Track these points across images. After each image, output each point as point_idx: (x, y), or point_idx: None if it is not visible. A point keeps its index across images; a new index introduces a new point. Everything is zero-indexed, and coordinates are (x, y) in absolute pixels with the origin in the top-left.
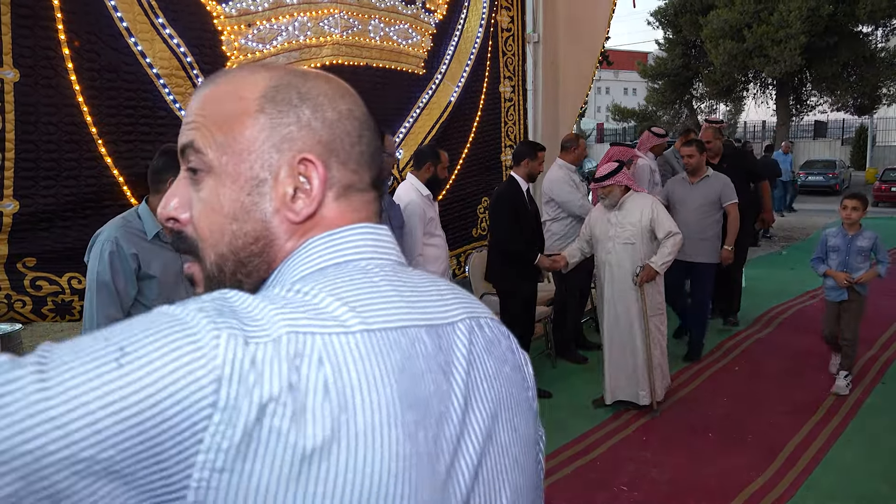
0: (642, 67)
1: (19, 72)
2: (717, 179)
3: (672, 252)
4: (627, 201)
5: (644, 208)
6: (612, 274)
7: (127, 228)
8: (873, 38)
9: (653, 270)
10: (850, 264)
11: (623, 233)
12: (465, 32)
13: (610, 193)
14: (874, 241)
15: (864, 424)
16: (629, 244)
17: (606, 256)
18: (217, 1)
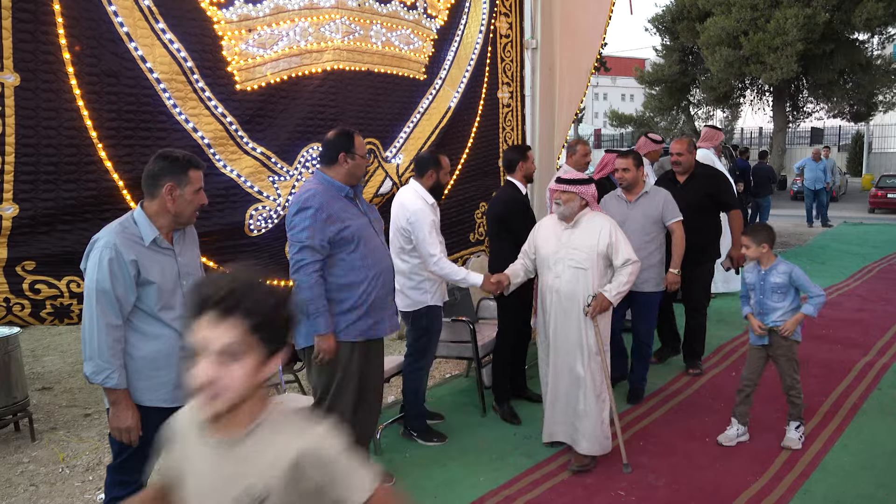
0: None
1: (20, 76)
2: (657, 195)
3: (629, 282)
4: (583, 220)
5: (602, 230)
6: (558, 303)
7: (125, 235)
8: (869, 45)
9: (606, 301)
10: (764, 304)
11: (575, 255)
12: (464, 38)
13: (568, 202)
14: (789, 275)
15: (861, 429)
16: (580, 269)
17: (553, 281)
18: (217, 6)
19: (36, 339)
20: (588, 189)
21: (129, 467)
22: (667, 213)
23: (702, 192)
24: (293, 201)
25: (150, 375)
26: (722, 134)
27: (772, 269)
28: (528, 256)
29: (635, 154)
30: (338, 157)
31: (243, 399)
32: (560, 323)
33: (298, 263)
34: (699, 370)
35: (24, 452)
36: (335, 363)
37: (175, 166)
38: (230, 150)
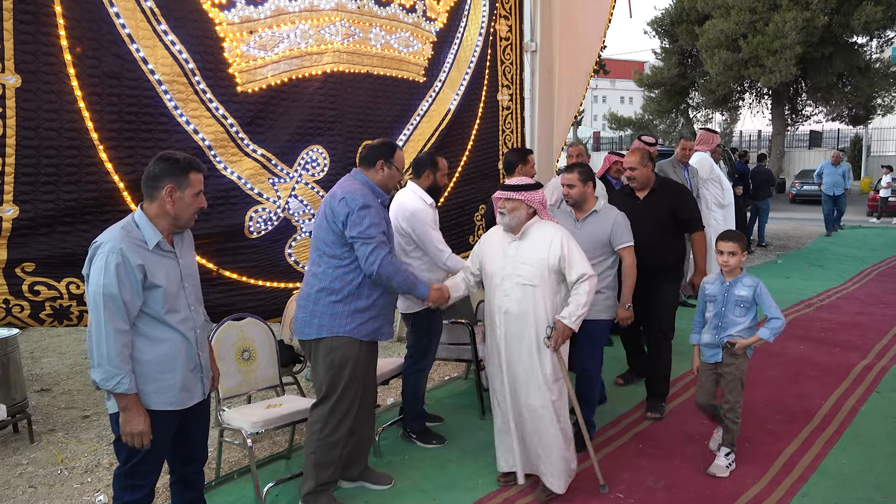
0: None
1: (21, 77)
2: (608, 215)
3: (587, 301)
4: (532, 230)
5: (553, 242)
6: (508, 325)
7: (130, 239)
8: (868, 48)
9: (567, 329)
10: (725, 317)
11: (523, 271)
12: (464, 41)
13: (513, 212)
14: (754, 289)
15: (859, 432)
16: (530, 286)
17: (501, 301)
18: (219, 8)
19: (35, 341)
20: (535, 195)
21: (140, 471)
22: (615, 237)
23: (664, 208)
24: (346, 198)
25: (157, 379)
26: (718, 137)
27: (737, 282)
28: (472, 272)
29: (582, 168)
30: (376, 163)
31: None
32: (513, 347)
33: (378, 258)
34: (660, 415)
35: (22, 454)
36: (346, 360)
37: (175, 168)
38: (231, 152)
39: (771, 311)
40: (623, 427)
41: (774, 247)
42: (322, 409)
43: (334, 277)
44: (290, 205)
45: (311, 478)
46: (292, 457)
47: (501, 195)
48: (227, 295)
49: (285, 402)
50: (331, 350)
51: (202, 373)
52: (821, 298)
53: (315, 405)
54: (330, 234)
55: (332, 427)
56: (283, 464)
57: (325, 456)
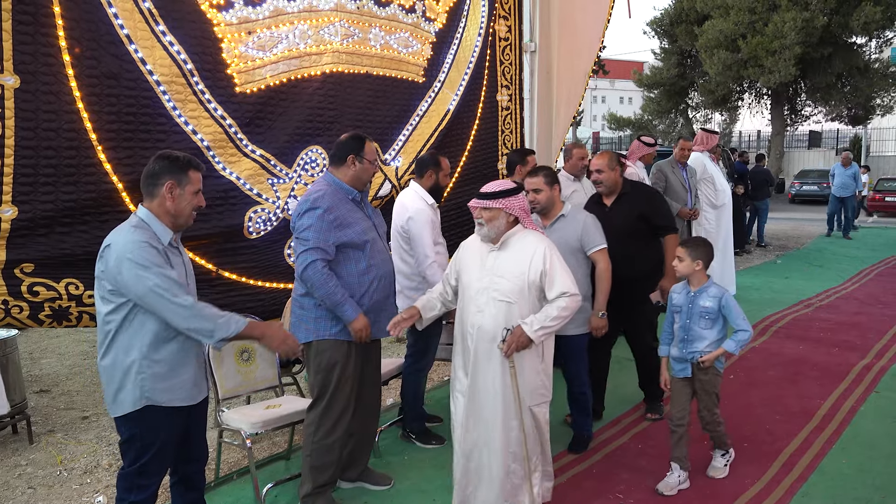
0: (638, 77)
1: (20, 78)
2: (576, 218)
3: (559, 318)
4: (513, 240)
5: (535, 254)
6: (478, 342)
7: (145, 234)
8: (867, 49)
9: (525, 337)
10: (690, 330)
11: (500, 285)
12: (463, 41)
13: (492, 221)
14: (720, 300)
15: (859, 432)
16: (505, 302)
17: (475, 316)
18: (217, 9)
19: (34, 342)
20: (516, 201)
21: (149, 471)
22: (587, 240)
23: (634, 214)
24: (301, 200)
25: (172, 376)
26: (716, 137)
27: (702, 292)
28: (449, 283)
29: (547, 171)
30: (346, 159)
31: None
32: (482, 369)
33: (305, 262)
34: (659, 415)
35: (21, 455)
36: (333, 363)
37: (175, 166)
38: (229, 153)
39: (738, 322)
40: (623, 427)
41: (773, 247)
42: (315, 412)
43: None
44: (290, 205)
45: (308, 480)
46: (291, 457)
47: (477, 204)
48: (226, 295)
49: (284, 402)
50: (318, 353)
51: (205, 369)
52: (820, 298)
53: (309, 408)
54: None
55: (326, 430)
56: (282, 464)
57: (320, 458)
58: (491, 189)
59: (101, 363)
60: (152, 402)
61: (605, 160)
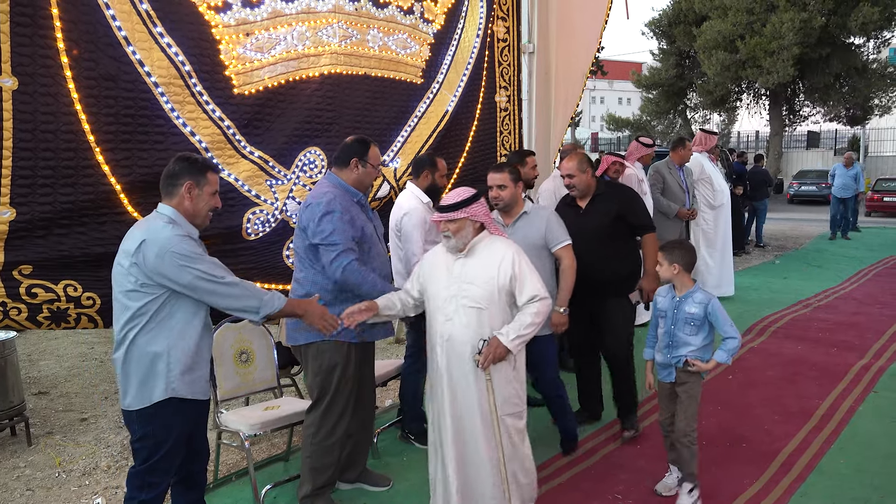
0: (637, 77)
1: (18, 80)
2: (539, 215)
3: (533, 324)
4: (480, 247)
5: (504, 259)
6: (451, 353)
7: (182, 228)
8: (865, 49)
9: (502, 347)
10: (675, 336)
11: (470, 291)
12: (462, 42)
13: (459, 232)
14: (706, 307)
15: (857, 432)
16: (476, 309)
17: (444, 326)
18: (215, 10)
19: (32, 344)
20: (479, 207)
21: (159, 468)
22: (551, 236)
23: (611, 215)
24: (313, 204)
25: (194, 369)
26: (715, 138)
27: (687, 297)
28: (411, 294)
29: (512, 169)
30: (350, 162)
31: None
32: (456, 379)
33: (342, 265)
34: (635, 431)
35: (20, 457)
36: (333, 364)
37: (194, 167)
38: (228, 154)
39: (726, 329)
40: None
41: (772, 247)
42: (315, 414)
43: (314, 283)
44: (288, 206)
45: (307, 481)
46: (290, 459)
47: (441, 217)
48: None
49: (283, 404)
50: (318, 355)
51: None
52: (818, 299)
53: (309, 410)
54: (304, 240)
55: (326, 431)
56: (281, 466)
57: (320, 460)
58: (452, 200)
59: (119, 356)
60: (176, 395)
61: (575, 163)
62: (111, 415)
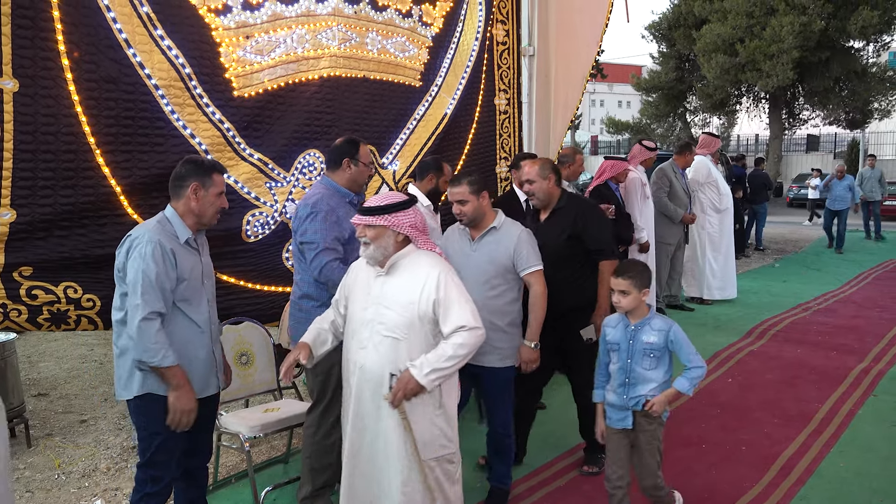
0: (636, 80)
1: (18, 82)
2: (509, 233)
3: (455, 357)
4: (403, 263)
5: (428, 280)
6: (361, 385)
7: (164, 231)
8: (865, 53)
9: (414, 382)
10: (632, 372)
11: (386, 317)
12: (460, 45)
13: (377, 240)
14: (667, 334)
15: (857, 436)
16: (391, 338)
17: (357, 354)
18: (215, 13)
19: (31, 346)
20: (405, 217)
21: (158, 461)
22: (520, 259)
23: (565, 234)
24: (300, 205)
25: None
26: (719, 141)
27: (643, 325)
28: (339, 310)
29: (472, 179)
30: (341, 162)
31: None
32: (367, 415)
33: (320, 264)
34: (598, 468)
35: (19, 459)
36: (333, 364)
37: (201, 169)
38: (228, 157)
39: (690, 358)
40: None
41: (772, 250)
42: (315, 414)
43: (310, 283)
44: (288, 209)
45: (307, 482)
46: (290, 461)
47: (360, 220)
48: (224, 299)
49: (283, 406)
50: None
51: (217, 367)
52: (818, 302)
53: (309, 410)
54: (296, 242)
55: (325, 431)
56: (280, 468)
57: (320, 460)
58: (376, 203)
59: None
60: (150, 391)
61: (537, 168)
62: (111, 416)
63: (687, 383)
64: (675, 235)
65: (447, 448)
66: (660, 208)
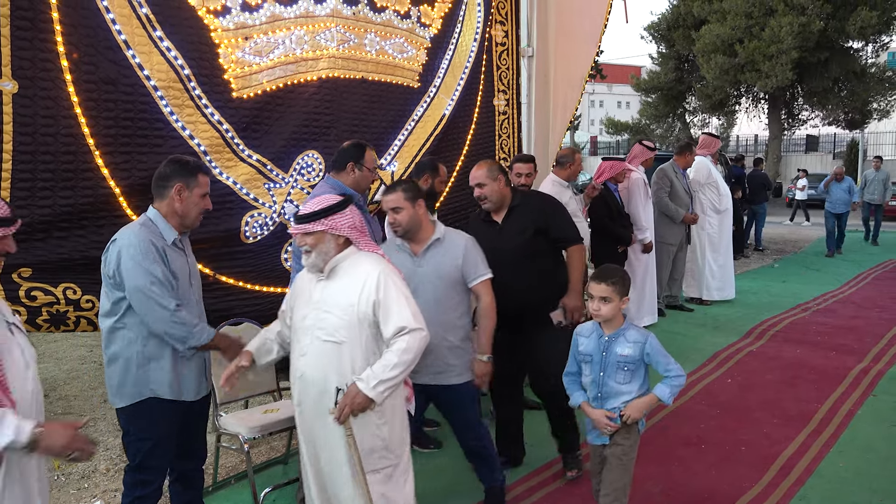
0: (636, 81)
1: (18, 83)
2: (455, 243)
3: (401, 364)
4: (344, 266)
5: (367, 280)
6: (303, 394)
7: (150, 231)
8: (864, 53)
9: (362, 397)
10: (605, 385)
11: (326, 321)
12: (459, 47)
13: (318, 246)
14: (642, 346)
15: (856, 436)
16: (331, 343)
17: (298, 361)
18: (214, 14)
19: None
20: (342, 218)
21: (149, 466)
22: (469, 269)
23: (530, 230)
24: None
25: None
26: (719, 141)
27: (618, 337)
28: (285, 321)
29: (407, 185)
30: (346, 166)
31: None
32: (313, 427)
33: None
34: (578, 471)
35: None
36: None
37: (185, 169)
38: (226, 158)
39: (669, 368)
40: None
41: (771, 251)
42: None
43: None
44: (286, 209)
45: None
46: (289, 462)
47: (297, 229)
48: (223, 300)
49: (283, 407)
50: None
51: (207, 368)
52: (817, 302)
53: None
54: None
55: None
56: (280, 469)
57: None
58: (310, 209)
59: (104, 355)
60: (153, 395)
61: (485, 170)
62: (110, 418)
63: (667, 390)
64: (677, 236)
65: (387, 460)
66: (660, 208)
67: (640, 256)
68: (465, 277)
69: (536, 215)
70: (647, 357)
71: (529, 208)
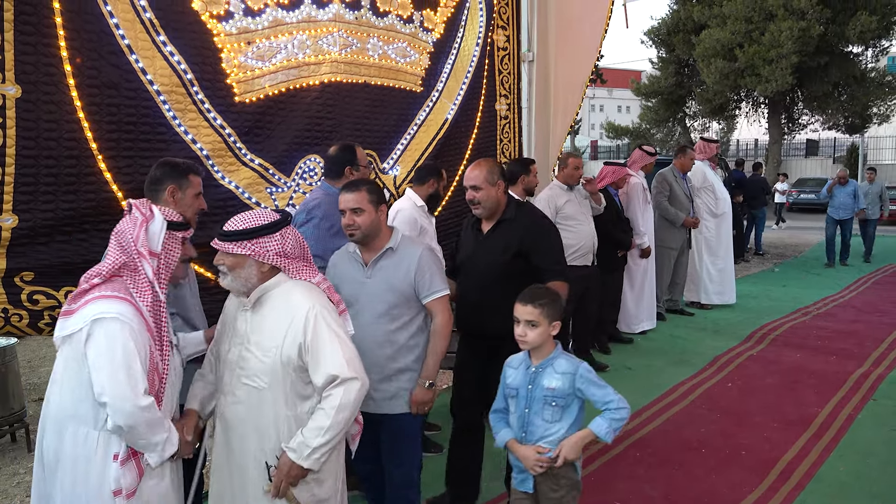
0: (636, 85)
1: (21, 88)
2: (408, 253)
3: (336, 424)
4: (272, 296)
5: (295, 318)
6: (229, 445)
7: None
8: (864, 58)
9: (296, 468)
10: (529, 424)
11: (248, 361)
12: (461, 51)
13: (235, 270)
14: (573, 378)
15: (856, 440)
16: (252, 388)
17: (220, 399)
18: (217, 19)
19: (32, 350)
20: (272, 242)
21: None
22: (422, 284)
23: (510, 250)
24: (298, 211)
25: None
26: (716, 146)
27: (545, 367)
28: (211, 349)
29: (371, 187)
30: (344, 171)
31: None
32: (236, 483)
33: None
34: None
35: (20, 463)
36: None
37: (176, 171)
38: (229, 162)
39: (607, 400)
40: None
41: (771, 255)
42: None
43: None
44: None
45: None
46: None
47: (217, 246)
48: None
49: None
50: None
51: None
52: (817, 307)
53: None
54: None
55: None
56: None
57: None
58: (234, 226)
59: None
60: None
61: (483, 172)
62: None
63: (605, 425)
64: (678, 240)
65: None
66: (660, 212)
67: (638, 261)
68: (417, 293)
69: (523, 235)
70: (579, 392)
71: (518, 225)
